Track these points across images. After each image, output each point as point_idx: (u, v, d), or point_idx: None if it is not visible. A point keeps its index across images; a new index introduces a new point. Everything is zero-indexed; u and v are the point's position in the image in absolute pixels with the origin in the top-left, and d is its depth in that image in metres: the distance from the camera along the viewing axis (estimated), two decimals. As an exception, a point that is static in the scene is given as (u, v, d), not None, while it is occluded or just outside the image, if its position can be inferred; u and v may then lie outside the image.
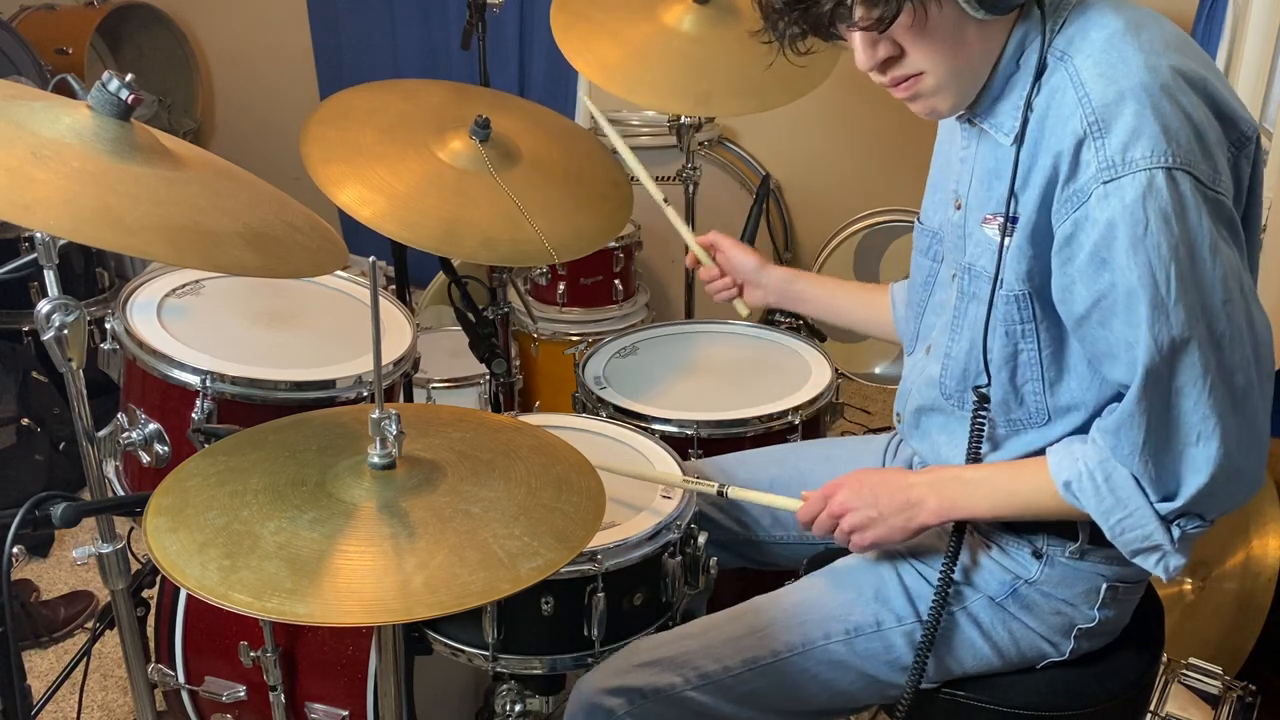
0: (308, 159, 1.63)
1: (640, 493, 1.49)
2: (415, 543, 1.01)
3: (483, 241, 1.62)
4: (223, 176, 1.34)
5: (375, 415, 1.06)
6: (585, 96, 1.63)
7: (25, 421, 2.64)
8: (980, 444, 1.25)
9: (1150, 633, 1.38)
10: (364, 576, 0.97)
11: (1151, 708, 1.67)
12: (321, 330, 1.72)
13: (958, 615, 1.29)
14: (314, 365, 1.57)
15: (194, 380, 1.49)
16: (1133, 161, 1.02)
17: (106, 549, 1.44)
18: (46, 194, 1.08)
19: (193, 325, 1.62)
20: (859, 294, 1.65)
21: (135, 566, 1.55)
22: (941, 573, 1.24)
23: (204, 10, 4.06)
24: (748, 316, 1.68)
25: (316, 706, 1.57)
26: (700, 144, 3.07)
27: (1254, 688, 1.72)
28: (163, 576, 1.69)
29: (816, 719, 1.37)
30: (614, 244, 2.72)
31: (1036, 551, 1.26)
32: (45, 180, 1.09)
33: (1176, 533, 1.12)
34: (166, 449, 1.55)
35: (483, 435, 1.23)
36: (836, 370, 1.90)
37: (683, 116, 2.36)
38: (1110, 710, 1.29)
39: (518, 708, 1.49)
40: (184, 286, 1.71)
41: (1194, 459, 1.08)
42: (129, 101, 1.19)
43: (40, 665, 2.23)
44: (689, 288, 2.56)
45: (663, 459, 1.58)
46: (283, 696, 1.55)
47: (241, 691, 1.60)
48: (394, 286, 2.26)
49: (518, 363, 2.72)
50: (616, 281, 2.79)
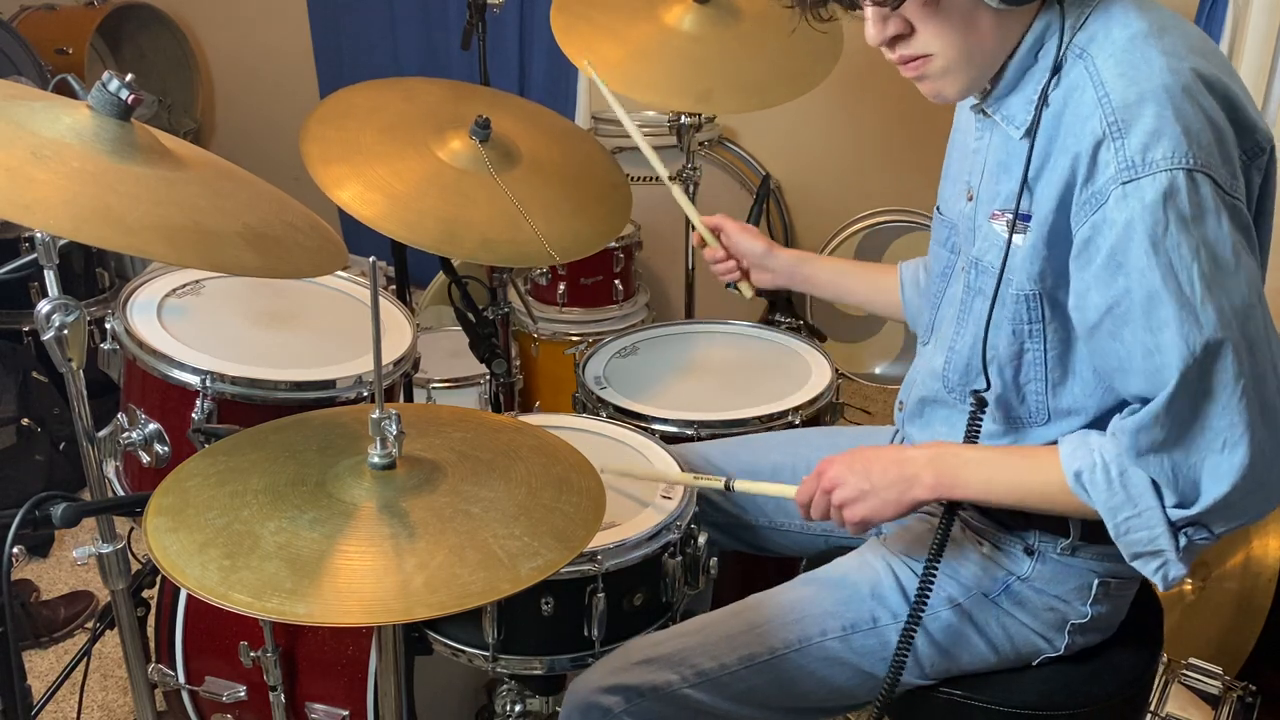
0: (308, 158, 1.63)
1: (640, 493, 1.49)
2: (415, 543, 1.01)
3: (482, 242, 1.62)
4: (223, 176, 1.34)
5: (375, 415, 1.06)
6: (590, 69, 1.61)
7: (25, 421, 2.64)
8: (976, 443, 1.24)
9: (1149, 631, 1.38)
10: (364, 576, 0.97)
11: (1152, 708, 1.67)
12: (321, 330, 1.72)
13: (952, 613, 1.29)
14: (314, 365, 1.57)
15: (194, 380, 1.49)
16: (1153, 162, 1.00)
17: (106, 549, 1.44)
18: (46, 194, 1.08)
19: (193, 325, 1.62)
20: (867, 274, 1.65)
21: (135, 566, 1.55)
22: (927, 564, 1.22)
23: (204, 10, 4.06)
24: (751, 299, 1.67)
25: (316, 706, 1.57)
26: (700, 144, 3.07)
27: (1254, 688, 1.72)
28: (163, 576, 1.69)
29: (815, 716, 1.37)
30: (614, 244, 2.72)
31: (1028, 548, 1.26)
32: (45, 180, 1.09)
33: (1183, 541, 1.09)
34: (166, 449, 1.55)
35: (483, 435, 1.23)
36: (837, 370, 1.91)
37: (683, 116, 2.36)
38: (1109, 709, 1.29)
39: (518, 708, 1.49)
40: (184, 286, 1.71)
41: (1217, 466, 1.05)
42: (129, 101, 1.19)
43: (40, 665, 2.23)
44: (689, 288, 2.56)
45: (662, 459, 1.58)
46: (283, 696, 1.55)
47: (241, 691, 1.60)
48: (394, 286, 2.26)
49: (518, 363, 2.72)
50: (617, 281, 2.79)
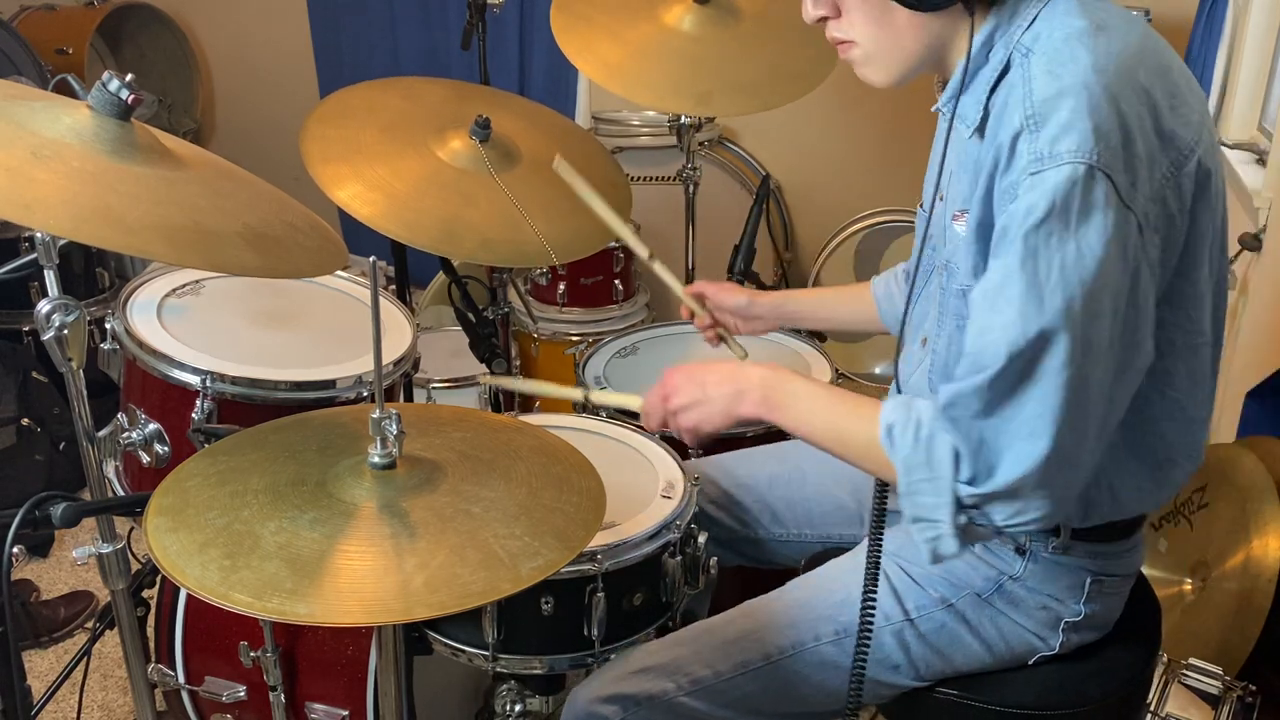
0: (307, 158, 1.63)
1: (640, 493, 1.49)
2: (416, 543, 1.01)
3: (482, 242, 1.62)
4: (223, 176, 1.34)
5: (376, 415, 1.06)
6: (561, 162, 1.59)
7: (25, 421, 2.64)
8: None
9: (1146, 630, 1.38)
10: (364, 576, 0.97)
11: (1152, 708, 1.67)
12: (321, 330, 1.71)
13: (945, 613, 1.29)
14: (314, 365, 1.57)
15: (194, 380, 1.49)
16: (1058, 154, 1.02)
17: (106, 549, 1.44)
18: (46, 194, 1.08)
19: (193, 325, 1.62)
20: (845, 297, 1.68)
21: (135, 566, 1.55)
22: (869, 557, 1.21)
23: (204, 10, 4.06)
24: (745, 357, 1.67)
25: (316, 706, 1.57)
26: (700, 144, 3.07)
27: (1254, 688, 1.72)
28: (163, 576, 1.69)
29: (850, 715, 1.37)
30: (614, 244, 2.72)
31: (1019, 547, 1.26)
32: (45, 180, 1.09)
33: (962, 519, 1.10)
34: (166, 449, 1.55)
35: (483, 435, 1.23)
36: (837, 370, 1.91)
37: (683, 116, 2.36)
38: (1106, 709, 1.29)
39: (518, 708, 1.49)
40: (184, 286, 1.71)
41: (1018, 451, 1.05)
42: (129, 101, 1.20)
43: (40, 665, 2.23)
44: (689, 288, 2.56)
45: (662, 459, 1.58)
46: (283, 696, 1.55)
47: (241, 691, 1.60)
48: (394, 286, 2.26)
49: (518, 363, 2.72)
50: (616, 281, 2.79)
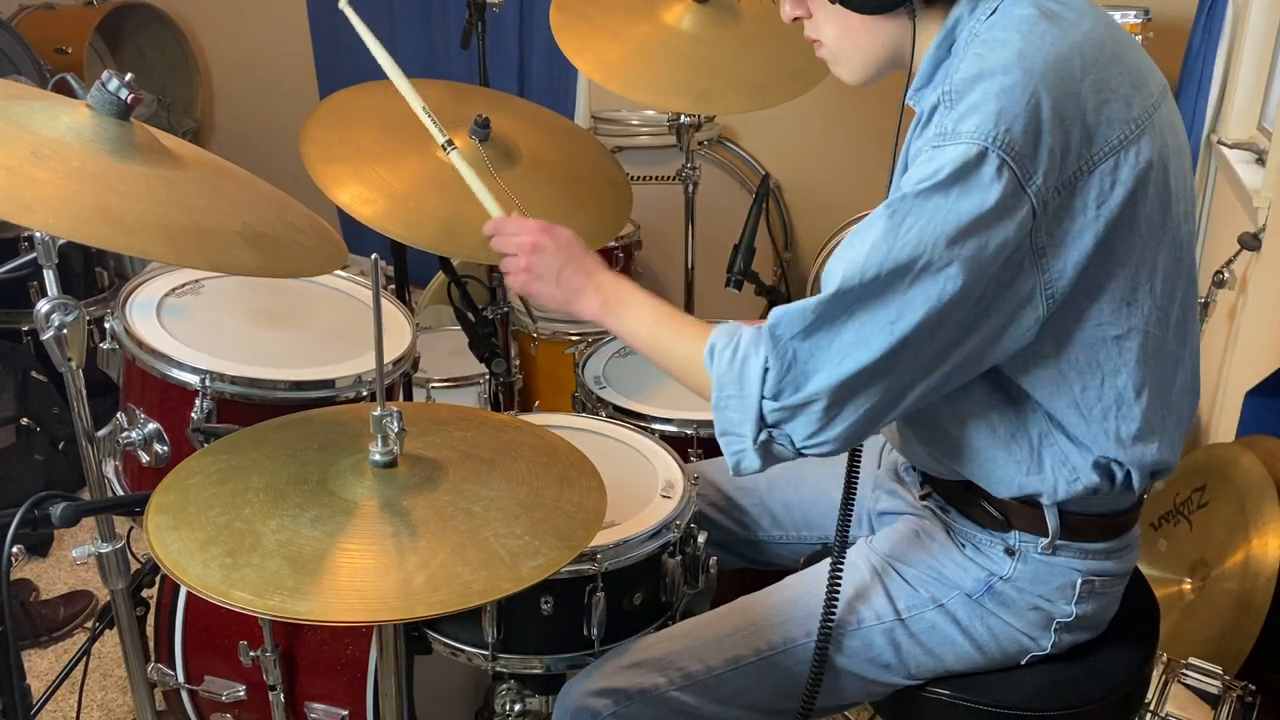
0: (307, 158, 1.63)
1: (640, 492, 1.49)
2: (417, 541, 1.01)
3: (482, 242, 1.62)
4: (223, 176, 1.34)
5: (377, 412, 1.06)
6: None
7: (25, 421, 2.64)
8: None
9: (1143, 630, 1.38)
10: (365, 575, 0.97)
11: (1152, 708, 1.67)
12: (321, 330, 1.71)
13: (936, 613, 1.29)
14: (314, 365, 1.57)
15: (193, 380, 1.49)
16: (959, 133, 1.03)
17: (106, 549, 1.45)
18: (46, 193, 1.08)
19: (192, 325, 1.62)
20: None
21: (135, 566, 1.55)
22: (835, 549, 1.23)
23: (204, 10, 4.06)
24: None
25: (316, 706, 1.57)
26: (700, 143, 3.07)
27: (1254, 688, 1.72)
28: (162, 576, 1.69)
29: (804, 717, 1.37)
30: (614, 244, 2.71)
31: (1009, 548, 1.26)
32: (45, 180, 1.09)
33: (763, 436, 1.13)
34: (166, 449, 1.54)
35: (484, 434, 1.23)
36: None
37: (682, 115, 2.36)
38: (1105, 708, 1.29)
39: (517, 707, 1.49)
40: (183, 286, 1.71)
41: (826, 373, 1.09)
42: (128, 101, 1.19)
43: (40, 665, 2.23)
44: (688, 288, 2.56)
45: (662, 459, 1.58)
46: (282, 696, 1.55)
47: (241, 691, 1.60)
48: (394, 286, 2.26)
49: (517, 362, 2.71)
50: (616, 281, 2.78)
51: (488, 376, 2.40)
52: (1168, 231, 1.14)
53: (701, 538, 1.45)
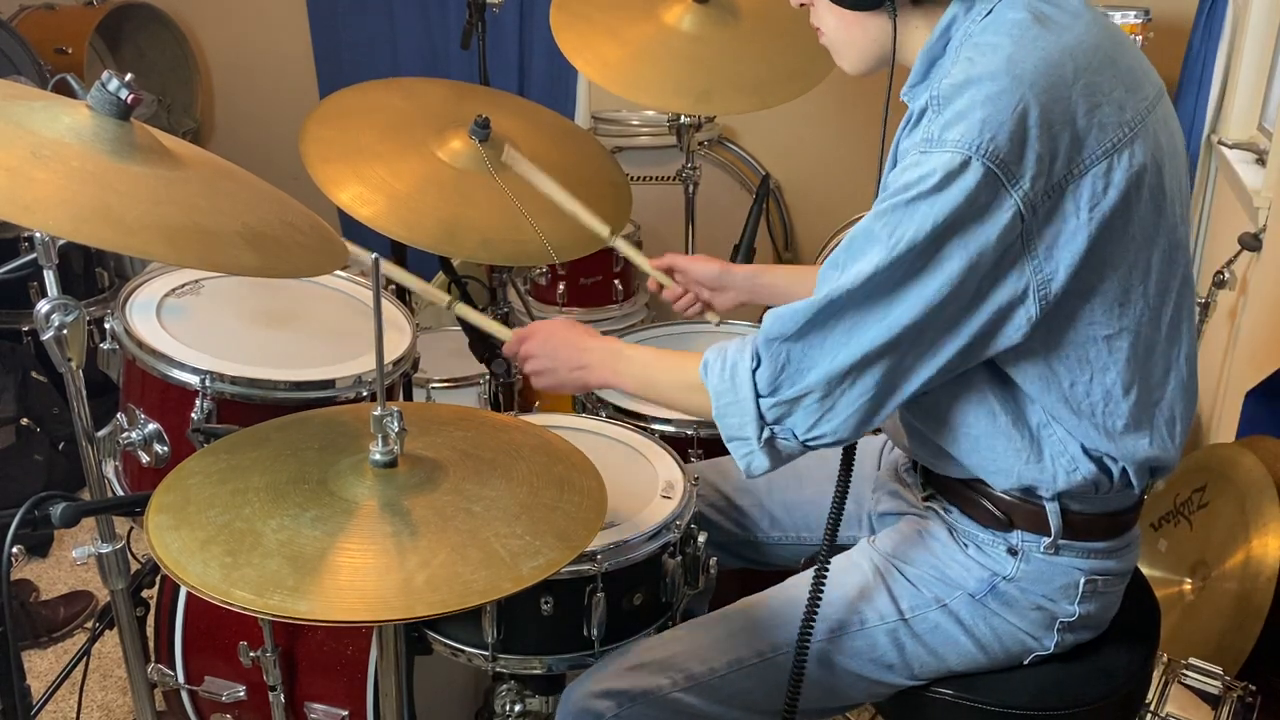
0: (307, 158, 1.63)
1: (640, 493, 1.49)
2: (417, 541, 1.01)
3: (482, 241, 1.63)
4: (222, 176, 1.33)
5: (377, 412, 1.06)
6: (510, 152, 1.64)
7: (25, 421, 2.64)
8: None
9: (1144, 630, 1.38)
10: (366, 574, 0.97)
11: (1152, 708, 1.67)
12: (321, 330, 1.71)
13: (939, 613, 1.29)
14: (314, 365, 1.57)
15: (193, 380, 1.49)
16: (945, 140, 1.05)
17: (106, 549, 1.44)
18: (46, 194, 1.07)
19: (192, 325, 1.62)
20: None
21: (135, 566, 1.55)
22: (823, 550, 1.25)
23: (204, 10, 4.06)
24: (719, 324, 1.83)
25: (316, 706, 1.57)
26: (700, 144, 3.07)
27: (1254, 688, 1.72)
28: (162, 576, 1.69)
29: (805, 718, 1.37)
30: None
31: (1012, 549, 1.26)
32: (45, 180, 1.09)
33: (767, 434, 1.17)
34: (166, 449, 1.54)
35: (484, 434, 1.23)
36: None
37: (682, 116, 2.36)
38: (1104, 709, 1.29)
39: (517, 708, 1.49)
40: (183, 286, 1.71)
41: (819, 369, 1.13)
42: (128, 101, 1.19)
43: (40, 665, 2.23)
44: (689, 287, 2.55)
45: (662, 459, 1.58)
46: (282, 696, 1.55)
47: (241, 691, 1.60)
48: (394, 286, 2.26)
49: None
50: (616, 281, 2.78)
51: (488, 377, 2.40)
52: (1162, 233, 1.14)
53: (702, 538, 1.45)
